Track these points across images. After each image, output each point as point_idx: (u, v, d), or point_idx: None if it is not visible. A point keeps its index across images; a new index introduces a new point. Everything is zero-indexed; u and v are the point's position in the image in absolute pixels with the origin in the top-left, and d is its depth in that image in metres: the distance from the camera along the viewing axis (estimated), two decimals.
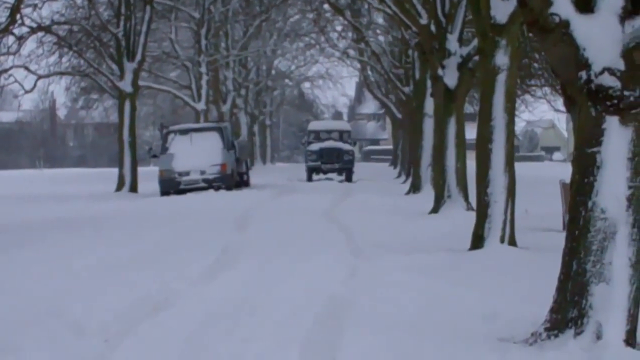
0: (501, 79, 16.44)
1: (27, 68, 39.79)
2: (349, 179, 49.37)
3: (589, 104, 9.03)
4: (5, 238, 19.34)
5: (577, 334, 8.91)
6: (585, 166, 9.09)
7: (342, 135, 51.83)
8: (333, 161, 49.61)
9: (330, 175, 50.84)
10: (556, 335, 9.04)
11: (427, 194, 28.95)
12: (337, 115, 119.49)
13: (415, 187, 34.21)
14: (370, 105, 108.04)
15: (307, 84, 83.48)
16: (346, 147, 50.48)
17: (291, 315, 10.58)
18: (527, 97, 46.60)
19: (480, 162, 16.67)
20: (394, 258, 15.36)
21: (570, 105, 9.46)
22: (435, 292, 11.92)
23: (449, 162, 24.51)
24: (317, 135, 52.03)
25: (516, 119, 21.07)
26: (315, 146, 50.17)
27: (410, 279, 13.02)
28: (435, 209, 24.65)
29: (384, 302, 11.34)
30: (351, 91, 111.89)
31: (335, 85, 79.25)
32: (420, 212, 24.70)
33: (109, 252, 16.38)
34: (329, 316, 10.66)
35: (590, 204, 9.00)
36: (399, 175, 52.72)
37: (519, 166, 18.26)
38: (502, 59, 16.44)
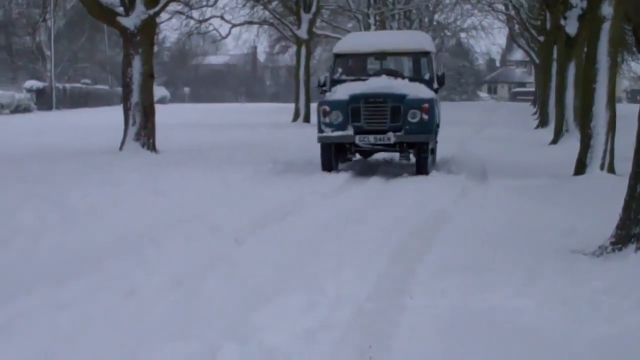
0: (606, 27, 15.77)
1: (222, 18, 40.28)
2: (421, 168, 16.33)
3: None
4: (185, 156, 19.58)
5: (638, 248, 8.54)
6: None
7: (417, 62, 18.25)
8: (382, 126, 16.26)
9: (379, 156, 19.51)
10: (620, 249, 8.67)
11: (552, 128, 28.21)
12: (490, 63, 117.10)
13: (543, 123, 33.45)
14: (519, 53, 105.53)
15: (463, 34, 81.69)
16: (417, 90, 16.57)
17: (394, 225, 10.41)
18: None
19: (585, 99, 16.36)
20: (502, 181, 14.98)
21: None
22: (526, 210, 11.56)
23: (567, 101, 24.03)
24: (358, 66, 18.42)
25: None
26: (343, 92, 16.62)
27: (509, 198, 12.68)
28: (554, 141, 24.22)
29: (479, 217, 11.06)
30: (502, 41, 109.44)
31: (487, 35, 77.48)
32: (542, 144, 24.21)
33: (262, 169, 16.41)
34: (425, 228, 10.45)
35: None
36: (536, 113, 51.38)
37: None
38: (607, 9, 15.78)
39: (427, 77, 17.25)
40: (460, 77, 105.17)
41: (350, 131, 16.09)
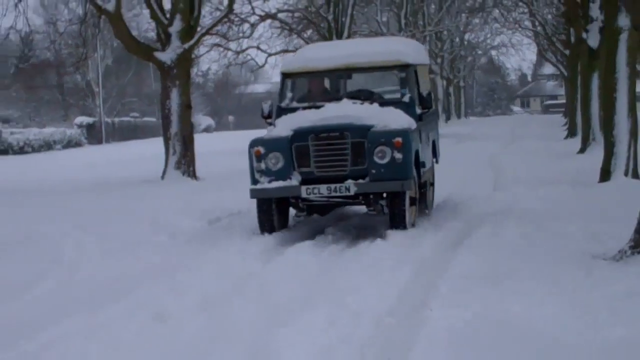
0: (623, 37, 15.58)
1: (258, 48, 40.32)
2: (396, 221, 10.91)
3: None
4: (222, 183, 19.58)
5: None
6: None
7: (393, 79, 12.66)
8: (340, 171, 11.08)
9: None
10: (639, 252, 8.47)
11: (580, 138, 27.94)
12: (522, 78, 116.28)
13: (571, 133, 33.11)
14: (549, 67, 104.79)
15: (494, 52, 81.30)
16: (388, 118, 11.27)
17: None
18: None
19: (606, 108, 16.19)
20: (528, 190, 14.71)
21: None
22: (550, 217, 11.33)
23: (593, 111, 23.80)
24: (315, 88, 12.52)
25: None
26: (285, 125, 11.45)
27: (534, 207, 12.45)
28: (581, 150, 23.96)
29: (503, 224, 10.90)
30: (532, 56, 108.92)
31: (517, 52, 76.94)
32: (569, 153, 23.93)
33: None
34: (449, 243, 10.27)
35: None
36: (565, 124, 50.86)
37: None
38: (623, 20, 15.59)
39: (406, 99, 11.88)
40: (493, 92, 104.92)
41: (294, 180, 11.02)
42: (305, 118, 11.31)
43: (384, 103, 11.74)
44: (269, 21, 39.33)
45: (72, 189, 20.17)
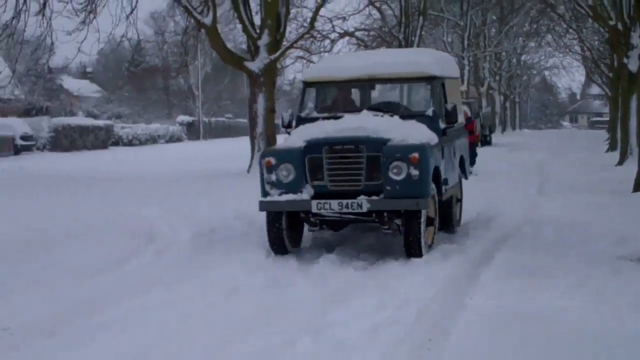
0: None
1: None
2: (411, 247, 8.91)
3: None
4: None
5: None
6: None
7: (416, 92, 10.88)
8: (354, 186, 9.07)
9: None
10: None
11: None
12: (572, 96, 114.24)
13: (612, 147, 32.41)
14: (596, 88, 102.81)
15: (547, 72, 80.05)
16: (407, 132, 9.29)
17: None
18: None
19: None
20: (567, 197, 14.45)
21: None
22: (585, 221, 11.09)
23: (631, 128, 23.17)
24: (337, 99, 10.58)
25: None
26: (298, 136, 9.52)
27: (571, 211, 12.22)
28: (620, 162, 23.36)
29: (542, 226, 10.72)
30: (581, 77, 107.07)
31: (567, 73, 75.67)
32: (609, 165, 23.33)
33: None
34: (496, 241, 10.14)
35: None
36: (608, 139, 49.79)
37: None
38: None
39: (429, 112, 9.91)
40: (545, 108, 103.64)
41: (305, 194, 9.12)
42: (321, 129, 9.43)
43: (406, 116, 9.84)
44: (347, 38, 39.28)
45: (169, 178, 20.47)
